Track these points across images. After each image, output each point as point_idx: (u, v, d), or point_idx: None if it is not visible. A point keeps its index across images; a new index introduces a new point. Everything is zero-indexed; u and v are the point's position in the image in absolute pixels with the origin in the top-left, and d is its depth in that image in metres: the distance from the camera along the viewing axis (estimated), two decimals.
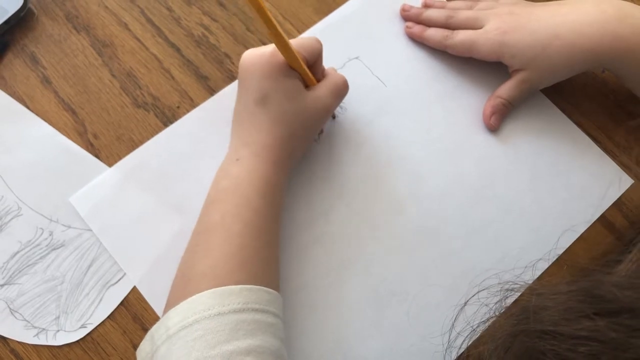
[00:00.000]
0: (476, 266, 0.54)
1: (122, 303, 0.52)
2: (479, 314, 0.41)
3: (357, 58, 0.61)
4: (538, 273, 0.54)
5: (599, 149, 0.59)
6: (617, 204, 0.57)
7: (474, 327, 0.39)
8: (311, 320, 0.52)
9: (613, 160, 0.58)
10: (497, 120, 0.58)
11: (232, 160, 0.50)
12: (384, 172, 0.57)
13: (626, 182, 0.58)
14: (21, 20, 0.60)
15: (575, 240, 0.55)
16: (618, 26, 0.52)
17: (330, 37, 0.61)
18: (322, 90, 0.53)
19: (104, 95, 0.58)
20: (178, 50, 0.60)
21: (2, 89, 0.57)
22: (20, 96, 0.57)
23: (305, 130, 0.52)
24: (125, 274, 0.52)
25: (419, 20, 0.62)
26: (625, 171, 0.58)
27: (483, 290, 0.43)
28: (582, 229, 0.56)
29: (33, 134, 0.56)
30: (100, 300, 0.51)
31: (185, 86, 0.59)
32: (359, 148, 0.58)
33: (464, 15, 0.59)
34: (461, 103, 0.60)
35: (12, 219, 0.53)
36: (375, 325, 0.52)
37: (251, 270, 0.45)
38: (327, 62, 0.60)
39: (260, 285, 0.45)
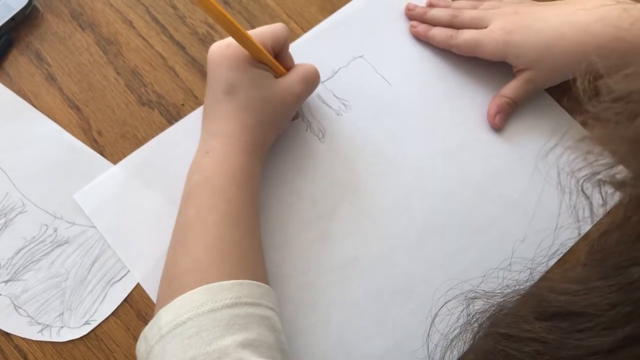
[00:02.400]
0: (481, 266, 0.53)
1: (125, 300, 0.52)
2: (451, 324, 0.41)
3: (361, 57, 0.61)
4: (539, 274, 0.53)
5: None
6: None
7: (450, 338, 0.40)
8: (315, 318, 0.52)
9: None
10: (502, 119, 0.58)
11: (202, 153, 0.50)
12: (388, 171, 0.57)
13: None
14: (26, 17, 0.60)
15: (579, 240, 0.55)
16: (623, 26, 0.52)
17: (334, 35, 0.62)
18: (291, 78, 0.53)
19: (108, 92, 0.58)
20: (183, 48, 0.60)
21: (7, 86, 0.58)
22: (25, 93, 0.57)
23: (274, 117, 0.52)
24: (129, 271, 0.52)
25: (423, 20, 0.62)
26: None
27: (450, 300, 0.44)
28: (586, 228, 0.56)
29: (38, 131, 0.56)
30: (104, 297, 0.51)
31: (189, 84, 0.59)
32: (364, 147, 0.58)
33: (468, 14, 0.59)
34: (466, 102, 0.60)
35: (16, 215, 0.53)
36: (379, 324, 0.52)
37: (233, 261, 0.46)
38: (332, 61, 0.60)
39: (248, 277, 0.45)
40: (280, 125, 0.54)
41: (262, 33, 0.52)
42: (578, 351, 0.28)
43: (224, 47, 0.51)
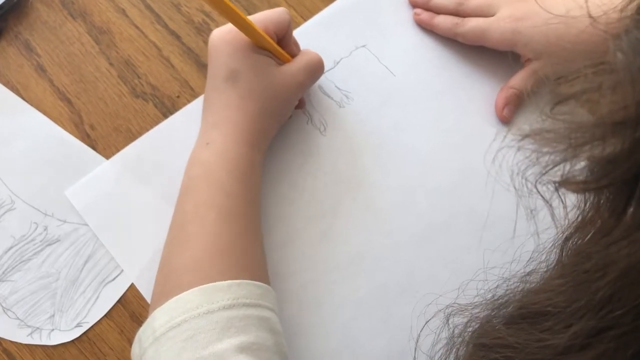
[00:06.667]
0: (486, 263, 0.51)
1: (119, 301, 0.50)
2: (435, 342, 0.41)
3: (364, 46, 0.59)
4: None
5: None
6: None
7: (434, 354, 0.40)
8: (318, 316, 0.50)
9: None
10: (510, 111, 0.56)
11: (202, 145, 0.48)
12: (392, 164, 0.55)
13: None
14: (15, 6, 0.57)
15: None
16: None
17: (336, 24, 0.59)
18: (294, 66, 0.51)
19: (101, 84, 0.56)
20: (178, 37, 0.58)
21: None
22: (14, 85, 0.55)
23: (277, 105, 0.50)
24: (122, 270, 0.50)
25: (427, 7, 0.59)
26: None
27: (431, 318, 0.44)
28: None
29: (27, 124, 0.54)
30: (97, 298, 0.49)
31: (185, 75, 0.57)
32: (366, 139, 0.56)
33: (474, 2, 0.57)
34: (472, 93, 0.58)
35: (5, 212, 0.51)
36: (383, 323, 0.50)
37: (232, 259, 0.44)
38: (334, 51, 0.58)
39: (247, 276, 0.43)
40: (282, 114, 0.52)
41: (264, 18, 0.50)
42: (546, 352, 0.28)
43: (224, 32, 0.50)
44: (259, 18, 0.50)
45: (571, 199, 0.29)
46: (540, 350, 0.28)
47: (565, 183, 0.26)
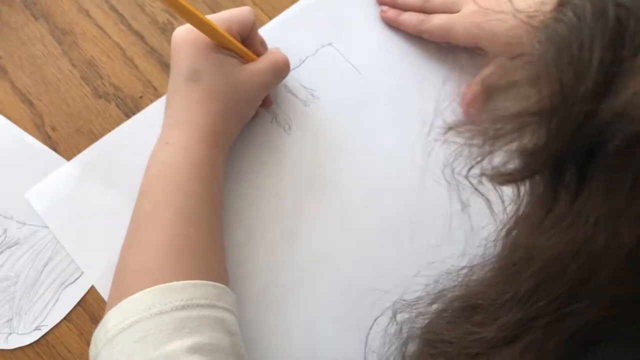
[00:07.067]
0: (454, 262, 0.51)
1: (79, 303, 0.49)
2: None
3: (330, 44, 0.58)
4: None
5: None
6: None
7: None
8: (279, 318, 0.49)
9: None
10: (475, 108, 0.55)
11: (162, 144, 0.48)
12: (356, 163, 0.54)
13: None
14: None
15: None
16: None
17: (302, 22, 0.59)
18: (259, 65, 0.51)
19: (63, 85, 0.55)
20: (142, 37, 0.57)
21: None
22: None
23: (240, 106, 0.50)
24: (83, 272, 0.50)
25: (394, 5, 0.59)
26: None
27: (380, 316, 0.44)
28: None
29: None
30: (56, 300, 0.49)
31: (148, 75, 0.56)
32: (331, 138, 0.55)
33: None
34: (440, 91, 0.57)
35: None
36: (347, 325, 0.50)
37: (188, 260, 0.43)
38: (300, 49, 0.58)
39: (204, 278, 0.42)
40: (246, 114, 0.52)
41: (228, 17, 0.49)
42: (478, 345, 0.28)
43: (187, 31, 0.49)
44: (222, 17, 0.49)
45: (508, 193, 0.28)
46: (473, 344, 0.28)
47: (494, 176, 0.26)
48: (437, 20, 0.55)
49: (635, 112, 0.19)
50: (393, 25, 0.59)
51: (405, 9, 0.58)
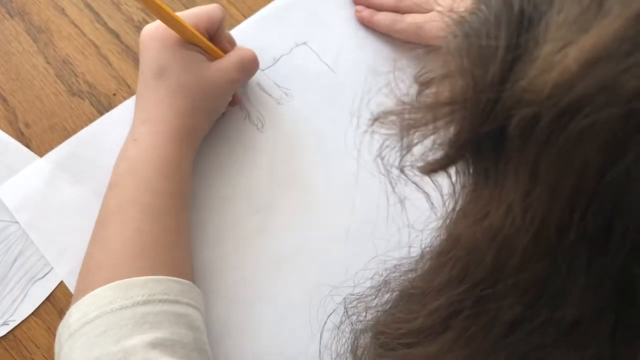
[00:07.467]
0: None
1: (48, 299, 0.49)
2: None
3: (304, 44, 0.59)
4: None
5: None
6: None
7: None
8: (248, 315, 0.50)
9: None
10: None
11: (130, 141, 0.48)
12: (328, 162, 0.55)
13: None
14: None
15: None
16: None
17: (276, 22, 0.59)
18: (225, 62, 0.51)
19: (37, 82, 0.55)
20: (117, 36, 0.58)
21: None
22: None
23: (208, 102, 0.50)
24: (52, 268, 0.50)
25: (369, 4, 0.59)
26: None
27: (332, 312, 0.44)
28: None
29: None
30: (25, 295, 0.49)
31: (123, 73, 0.56)
32: (304, 136, 0.55)
33: None
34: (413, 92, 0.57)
35: None
36: (315, 323, 0.50)
37: (153, 256, 0.43)
38: (274, 48, 0.58)
39: (168, 273, 0.42)
40: (214, 110, 0.52)
41: (196, 14, 0.50)
42: (410, 336, 0.28)
43: (154, 28, 0.49)
44: (191, 14, 0.50)
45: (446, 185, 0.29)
46: (405, 334, 0.28)
47: (420, 167, 0.26)
48: (409, 20, 0.56)
49: (531, 97, 0.20)
50: (368, 25, 0.59)
51: (379, 8, 0.58)
